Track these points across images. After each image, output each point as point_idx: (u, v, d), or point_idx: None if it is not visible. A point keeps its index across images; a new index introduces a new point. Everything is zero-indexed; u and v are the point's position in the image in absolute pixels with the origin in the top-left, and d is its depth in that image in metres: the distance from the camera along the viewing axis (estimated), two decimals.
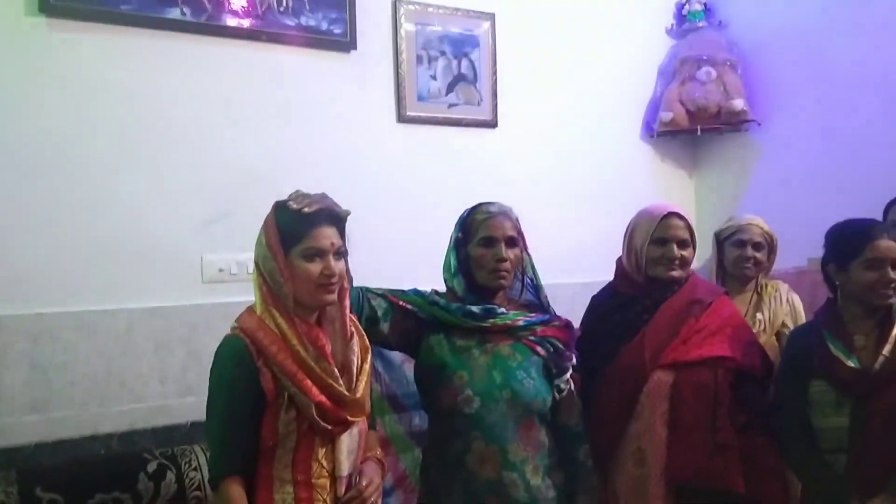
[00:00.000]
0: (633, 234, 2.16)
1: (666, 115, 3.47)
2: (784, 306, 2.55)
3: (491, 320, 1.94)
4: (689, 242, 2.12)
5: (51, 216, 2.35)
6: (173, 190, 2.53)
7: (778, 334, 2.51)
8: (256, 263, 1.66)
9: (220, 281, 2.59)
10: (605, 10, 3.46)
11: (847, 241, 1.99)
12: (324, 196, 1.68)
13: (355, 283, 1.89)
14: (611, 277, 2.26)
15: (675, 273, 2.10)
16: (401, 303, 1.96)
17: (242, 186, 2.61)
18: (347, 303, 1.72)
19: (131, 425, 2.41)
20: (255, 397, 1.58)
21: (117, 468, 2.14)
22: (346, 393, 1.62)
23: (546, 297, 2.07)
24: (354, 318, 1.77)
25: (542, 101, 3.30)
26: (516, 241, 1.98)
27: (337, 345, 1.67)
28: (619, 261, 2.23)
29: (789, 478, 2.03)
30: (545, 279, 2.09)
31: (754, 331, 2.32)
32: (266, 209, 1.71)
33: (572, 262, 3.14)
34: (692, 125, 3.48)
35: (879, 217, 2.47)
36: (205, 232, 2.58)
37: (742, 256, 2.54)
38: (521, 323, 1.96)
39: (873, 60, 2.99)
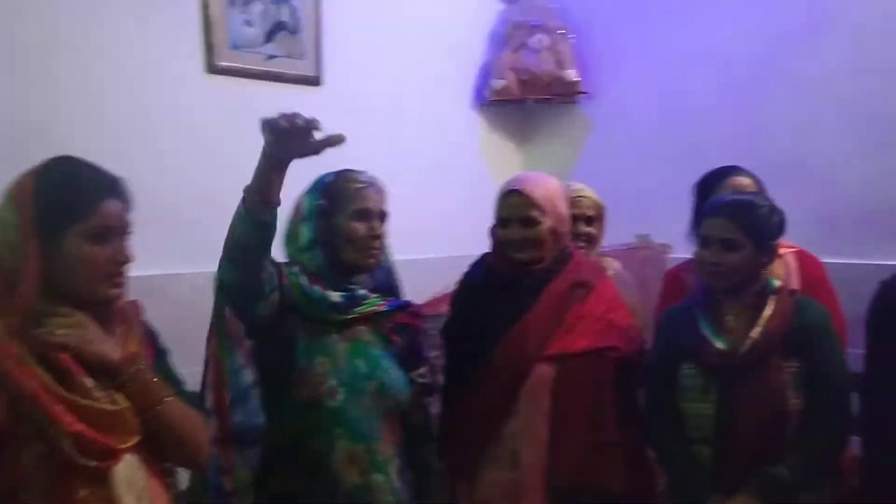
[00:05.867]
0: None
1: (498, 83, 3.33)
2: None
3: (358, 309, 1.67)
4: (535, 220, 1.84)
5: None
6: None
7: None
8: None
9: None
10: None
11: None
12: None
13: (147, 264, 1.47)
14: (433, 254, 2.01)
15: (524, 256, 1.85)
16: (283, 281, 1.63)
17: (7, 139, 2.11)
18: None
19: None
20: None
21: None
22: (107, 407, 1.21)
23: (398, 279, 1.82)
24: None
25: (370, 60, 2.99)
26: (386, 217, 1.73)
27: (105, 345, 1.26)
28: (493, 232, 1.95)
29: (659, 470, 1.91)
30: None
31: None
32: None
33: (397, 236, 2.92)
34: (523, 94, 3.36)
35: None
36: None
37: (574, 233, 2.26)
38: (384, 308, 1.71)
39: (706, 38, 2.99)
